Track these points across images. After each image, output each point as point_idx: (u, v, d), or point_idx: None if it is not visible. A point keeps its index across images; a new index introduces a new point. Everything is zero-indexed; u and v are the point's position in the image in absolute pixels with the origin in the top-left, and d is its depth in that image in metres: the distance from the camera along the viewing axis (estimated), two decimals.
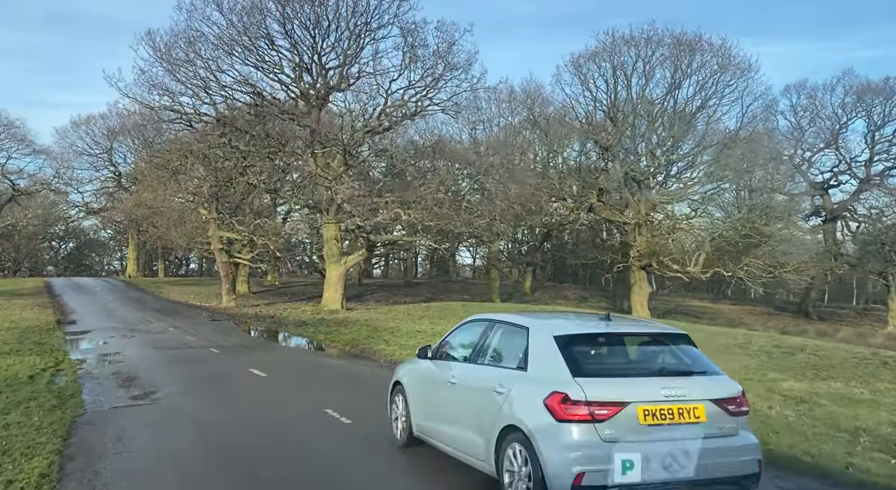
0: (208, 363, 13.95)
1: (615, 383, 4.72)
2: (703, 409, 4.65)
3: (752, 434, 4.88)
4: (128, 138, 49.88)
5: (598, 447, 4.41)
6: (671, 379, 4.78)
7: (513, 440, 4.81)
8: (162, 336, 19.55)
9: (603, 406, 4.48)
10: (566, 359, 4.77)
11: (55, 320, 23.22)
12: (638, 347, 5.28)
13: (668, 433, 4.50)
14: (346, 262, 27.25)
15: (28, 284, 44.21)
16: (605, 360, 5.13)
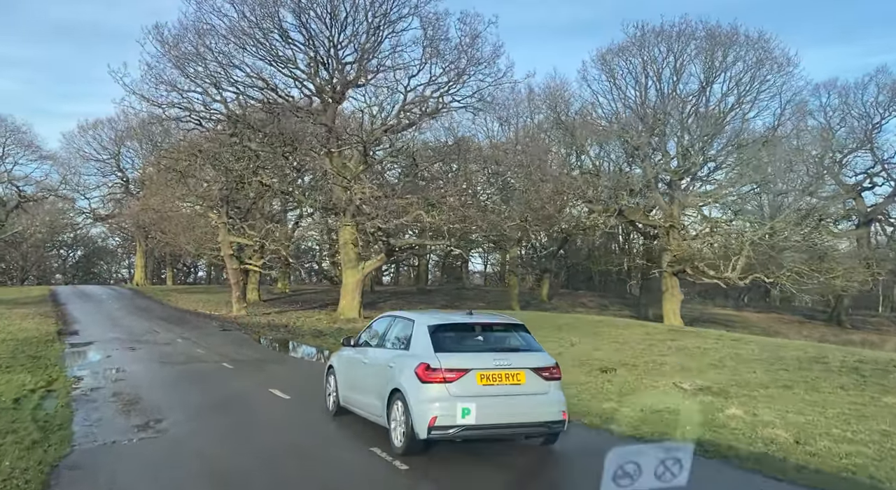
0: (221, 381, 12.23)
1: (462, 357, 6.61)
2: (523, 374, 6.60)
3: (561, 393, 6.83)
4: (135, 142, 48.51)
5: (447, 400, 6.33)
6: (502, 353, 6.76)
7: (396, 398, 6.72)
8: (169, 348, 17.87)
9: (451, 372, 6.40)
10: (432, 341, 6.70)
11: (56, 331, 21.60)
12: (487, 333, 7.22)
13: (497, 390, 6.48)
14: (363, 268, 25.54)
15: (33, 293, 42.72)
16: (459, 341, 6.96)
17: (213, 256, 36.99)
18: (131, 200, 49.31)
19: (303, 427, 8.45)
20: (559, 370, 6.90)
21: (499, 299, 48.88)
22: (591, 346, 16.92)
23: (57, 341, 18.73)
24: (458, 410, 6.29)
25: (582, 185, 26.40)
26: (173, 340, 19.82)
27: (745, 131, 28.58)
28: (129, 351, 17.03)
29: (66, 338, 20.13)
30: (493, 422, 6.42)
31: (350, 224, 24.24)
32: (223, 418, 8.90)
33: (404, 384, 6.61)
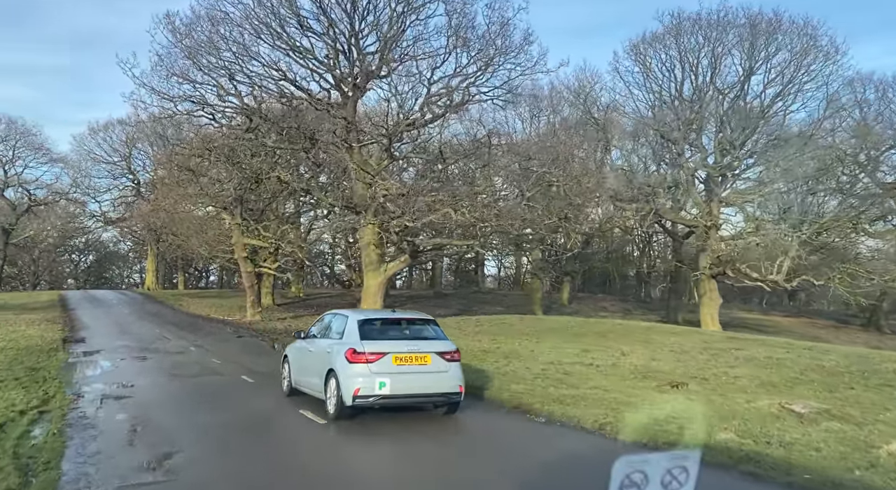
0: (243, 400, 10.54)
1: (381, 343, 8.65)
2: (429, 357, 8.64)
3: (459, 372, 8.84)
4: (146, 145, 47.15)
5: (368, 376, 8.35)
6: (414, 341, 8.90)
7: (331, 376, 8.72)
8: (182, 358, 16.21)
9: (373, 354, 8.44)
10: (359, 332, 8.84)
11: (61, 338, 20.02)
12: (404, 325, 9.44)
13: (408, 369, 8.49)
14: (386, 271, 23.83)
15: (42, 298, 41.32)
16: (382, 332, 9.08)
17: (227, 259, 35.39)
18: (142, 203, 47.94)
19: (356, 467, 6.70)
20: (459, 354, 8.98)
21: (517, 303, 47.06)
22: (647, 356, 15.11)
23: (60, 350, 17.13)
24: (376, 383, 8.26)
25: (616, 183, 24.58)
26: (186, 349, 18.17)
27: (787, 125, 26.70)
28: (138, 361, 15.39)
29: (71, 346, 18.54)
30: (403, 392, 8.41)
31: (373, 223, 22.55)
32: (251, 452, 7.18)
33: (337, 365, 8.55)
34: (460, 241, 22.00)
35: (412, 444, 7.68)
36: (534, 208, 18.98)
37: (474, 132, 21.76)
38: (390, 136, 20.96)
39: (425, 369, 8.52)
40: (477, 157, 20.43)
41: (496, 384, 11.42)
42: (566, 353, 15.70)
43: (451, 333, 21.86)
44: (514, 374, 12.67)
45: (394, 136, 21.32)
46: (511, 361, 14.25)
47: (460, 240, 21.97)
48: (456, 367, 8.74)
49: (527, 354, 15.47)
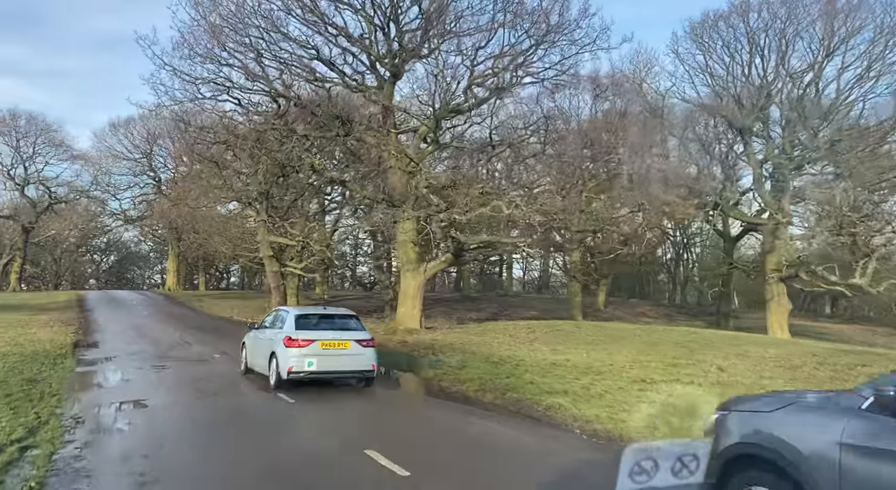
0: (287, 432, 8.14)
1: (312, 333, 11.04)
2: (349, 343, 11.06)
3: (373, 354, 11.31)
4: (167, 140, 45.39)
5: (300, 356, 10.72)
6: (339, 331, 11.32)
7: (272, 357, 11.10)
8: (205, 369, 13.98)
9: (304, 340, 10.82)
10: (296, 323, 11.28)
11: (72, 343, 17.92)
12: (332, 319, 11.85)
13: (331, 352, 10.95)
14: (425, 271, 21.46)
15: (60, 298, 39.60)
16: (314, 324, 11.47)
17: (250, 259, 33.28)
18: (163, 201, 46.22)
19: None
20: (373, 341, 11.65)
21: (550, 307, 44.36)
22: (753, 373, 12.53)
23: (69, 356, 14.98)
24: (305, 362, 10.81)
25: (681, 175, 21.91)
26: (209, 357, 15.94)
27: (868, 113, 23.89)
28: (155, 371, 13.17)
29: (82, 352, 16.42)
30: (327, 369, 11.04)
31: (412, 218, 20.19)
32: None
33: (277, 349, 11.10)
34: (512, 239, 19.54)
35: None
36: (598, 200, 16.46)
37: (528, 117, 19.24)
38: (438, 118, 18.56)
39: (345, 353, 11.09)
40: (531, 143, 17.98)
41: (605, 414, 8.95)
42: (651, 367, 13.17)
43: (504, 341, 19.37)
44: (611, 397, 10.19)
45: (440, 117, 18.93)
46: (594, 381, 11.76)
47: (511, 237, 19.49)
48: (371, 351, 11.31)
49: (605, 370, 12.97)
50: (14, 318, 26.26)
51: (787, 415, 3.08)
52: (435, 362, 14.25)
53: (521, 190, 16.87)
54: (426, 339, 18.95)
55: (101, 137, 47.49)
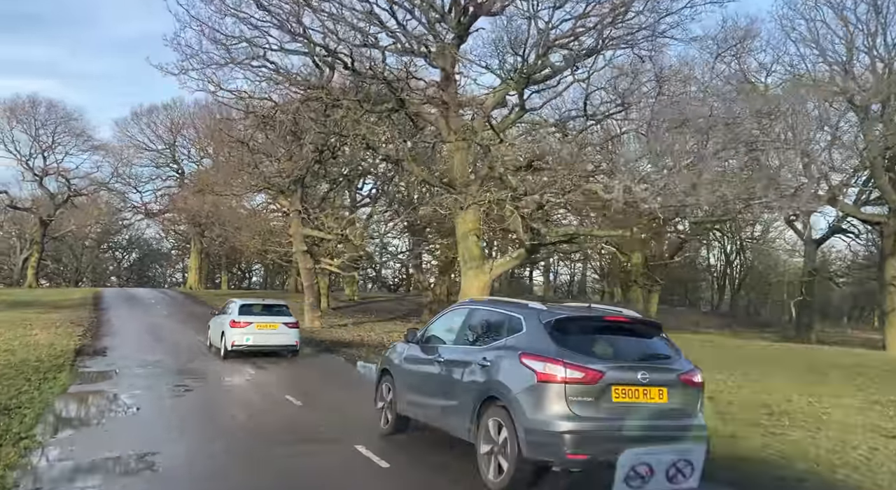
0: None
1: (250, 317, 14.10)
2: (277, 325, 14.27)
3: (297, 333, 14.63)
4: (191, 130, 42.41)
5: (240, 334, 13.80)
6: (271, 316, 14.48)
7: (222, 335, 14.17)
8: (240, 393, 10.50)
9: (245, 323, 13.88)
10: (239, 310, 14.30)
11: (75, 349, 14.61)
12: (268, 307, 14.93)
13: (264, 331, 14.04)
14: (492, 269, 17.84)
15: (76, 295, 36.66)
16: (254, 311, 14.47)
17: (280, 255, 29.90)
18: (187, 194, 43.24)
19: None
20: (297, 323, 14.88)
21: None
22: None
23: (66, 369, 11.60)
24: (244, 338, 13.75)
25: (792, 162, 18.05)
26: (242, 371, 12.45)
27: None
28: (173, 395, 9.68)
29: (85, 362, 13.05)
30: (260, 343, 13.97)
31: (478, 205, 16.59)
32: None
33: (225, 329, 13.99)
34: (606, 232, 15.85)
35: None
36: (731, 181, 12.73)
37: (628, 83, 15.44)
38: (528, 75, 14.86)
39: (275, 332, 14.29)
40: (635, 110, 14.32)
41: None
42: (854, 408, 9.36)
43: None
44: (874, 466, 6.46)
45: (532, 72, 15.26)
46: (807, 431, 7.96)
47: (605, 230, 15.80)
48: (295, 331, 14.58)
49: (791, 410, 9.13)
50: (20, 316, 23.18)
51: (394, 350, 7.46)
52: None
53: (623, 167, 13.10)
54: None
55: (122, 127, 44.68)
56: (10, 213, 50.48)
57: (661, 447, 2.59)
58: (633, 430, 4.85)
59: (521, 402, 5.01)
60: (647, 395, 5.01)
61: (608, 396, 4.92)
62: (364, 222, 24.84)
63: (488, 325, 6.03)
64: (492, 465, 5.21)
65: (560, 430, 4.79)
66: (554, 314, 5.45)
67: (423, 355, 6.66)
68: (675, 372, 5.21)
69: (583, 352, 5.10)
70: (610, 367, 4.99)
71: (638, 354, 5.33)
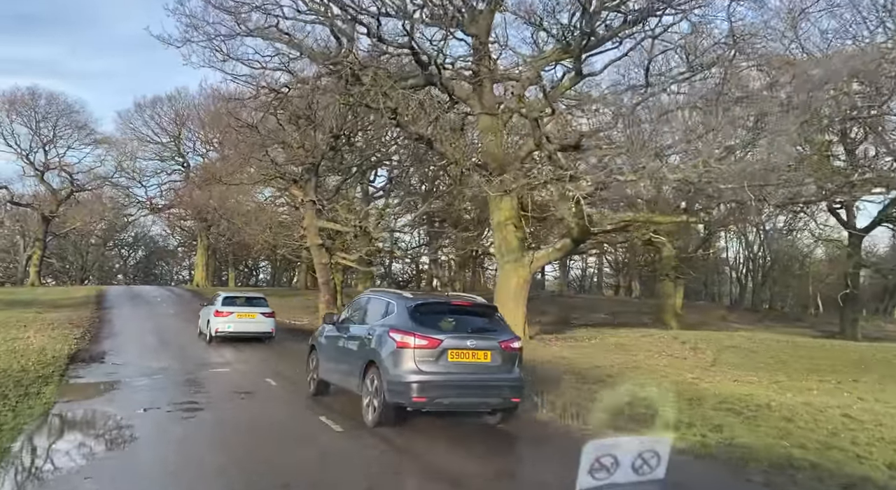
0: None
1: (232, 308, 15.82)
2: (255, 314, 16.10)
3: (273, 321, 16.41)
4: (196, 124, 40.53)
5: (224, 323, 15.50)
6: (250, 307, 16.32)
7: (208, 323, 15.93)
8: (259, 408, 8.59)
9: (227, 312, 15.63)
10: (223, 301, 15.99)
11: (70, 353, 12.80)
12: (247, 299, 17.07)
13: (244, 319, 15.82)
14: (532, 262, 15.94)
15: (79, 293, 34.91)
16: (235, 302, 16.16)
17: (293, 250, 28.02)
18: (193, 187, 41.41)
19: None
20: (274, 313, 16.57)
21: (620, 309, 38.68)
22: None
23: (54, 380, 9.76)
24: (226, 326, 15.36)
25: None
26: (261, 383, 10.56)
27: None
28: (180, 418, 7.75)
29: (78, 371, 11.21)
30: (240, 330, 15.55)
31: (523, 187, 14.69)
32: None
33: (210, 317, 15.63)
34: (668, 218, 13.90)
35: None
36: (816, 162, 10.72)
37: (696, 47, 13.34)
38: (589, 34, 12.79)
39: (253, 320, 15.95)
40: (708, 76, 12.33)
41: None
42: None
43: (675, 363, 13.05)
44: None
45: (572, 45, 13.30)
46: None
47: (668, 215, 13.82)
48: (271, 320, 16.24)
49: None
50: (16, 316, 21.39)
51: (320, 331, 9.04)
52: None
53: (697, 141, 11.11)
54: (549, 356, 13.39)
55: (125, 119, 42.83)
56: (13, 211, 48.85)
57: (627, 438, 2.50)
58: (464, 380, 6.77)
59: (386, 362, 6.83)
60: (475, 357, 6.86)
61: (445, 357, 6.73)
62: (379, 212, 22.80)
63: (376, 309, 7.80)
64: (369, 410, 7.07)
65: (409, 381, 6.59)
66: (415, 301, 7.28)
67: (336, 333, 8.48)
68: (497, 340, 6.99)
69: (430, 326, 6.89)
70: (447, 337, 6.79)
71: (472, 328, 7.10)
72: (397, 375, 6.66)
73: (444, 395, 6.66)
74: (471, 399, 6.94)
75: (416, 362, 6.63)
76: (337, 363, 8.21)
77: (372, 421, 6.93)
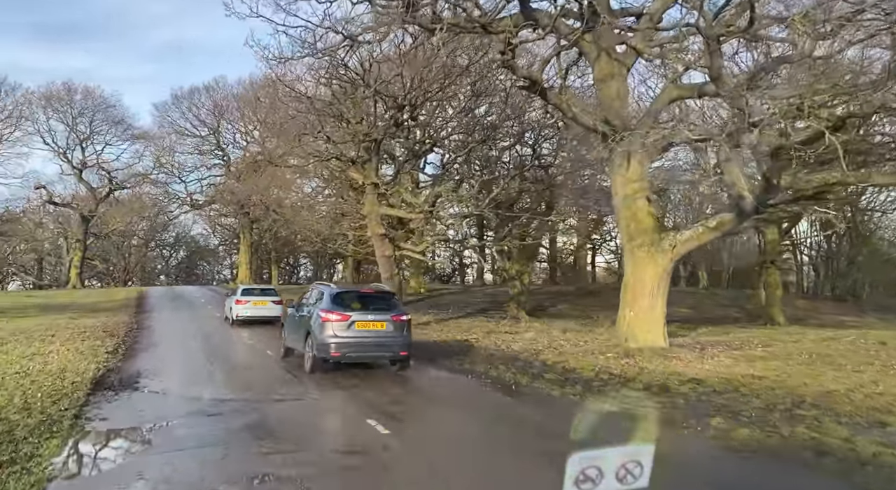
0: None
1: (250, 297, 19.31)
2: (267, 302, 19.06)
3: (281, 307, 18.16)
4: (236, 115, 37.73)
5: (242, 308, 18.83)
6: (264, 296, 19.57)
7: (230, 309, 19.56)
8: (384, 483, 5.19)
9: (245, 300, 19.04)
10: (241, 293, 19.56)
11: (95, 377, 9.62)
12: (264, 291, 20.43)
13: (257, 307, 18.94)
14: (674, 246, 12.19)
15: (119, 295, 32.49)
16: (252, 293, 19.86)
17: (350, 241, 24.71)
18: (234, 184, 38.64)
19: None
20: (283, 300, 18.16)
21: (697, 303, 34.25)
22: None
23: (63, 429, 6.50)
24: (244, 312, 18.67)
25: None
26: (361, 425, 7.09)
27: None
28: None
29: (102, 406, 7.94)
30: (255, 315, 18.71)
31: (655, 146, 10.97)
32: None
33: (231, 305, 19.38)
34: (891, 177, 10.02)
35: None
36: None
37: None
38: None
39: (265, 307, 18.46)
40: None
41: None
42: None
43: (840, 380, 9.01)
44: None
45: None
46: None
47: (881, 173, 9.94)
48: (279, 306, 17.84)
49: None
50: (47, 323, 18.62)
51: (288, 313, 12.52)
52: None
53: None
54: (686, 375, 9.62)
55: (162, 111, 40.33)
56: (56, 213, 47.26)
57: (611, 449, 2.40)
58: (365, 341, 10.13)
59: (316, 331, 10.11)
60: (374, 326, 10.16)
61: (353, 327, 10.03)
62: (452, 195, 19.22)
63: (315, 296, 11.07)
64: (307, 362, 10.35)
65: (329, 342, 9.89)
66: (337, 290, 10.85)
67: (296, 313, 11.67)
68: (390, 314, 10.24)
69: (345, 307, 10.21)
70: (355, 313, 10.12)
71: (374, 306, 10.36)
72: (322, 339, 9.82)
73: (352, 351, 9.90)
74: (371, 353, 10.20)
75: (333, 331, 9.79)
76: (292, 334, 11.39)
77: (308, 368, 10.12)
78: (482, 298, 33.99)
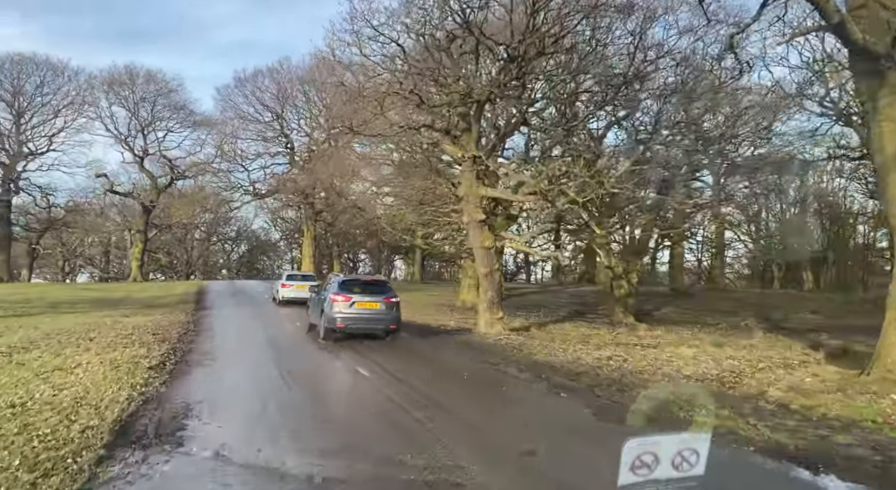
0: None
1: (293, 282, 22.58)
2: (305, 286, 20.81)
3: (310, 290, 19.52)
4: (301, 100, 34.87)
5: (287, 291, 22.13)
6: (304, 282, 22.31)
7: (277, 291, 23.21)
8: None
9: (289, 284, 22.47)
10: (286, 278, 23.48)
11: (122, 415, 6.20)
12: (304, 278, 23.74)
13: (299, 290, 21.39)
14: None
15: (177, 289, 30.13)
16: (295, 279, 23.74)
17: (441, 227, 21.11)
18: (297, 174, 35.86)
19: None
20: (316, 285, 19.75)
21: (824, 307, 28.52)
22: None
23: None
24: (289, 293, 21.81)
25: None
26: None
27: None
28: None
29: (125, 475, 4.44)
30: (297, 296, 21.18)
31: None
32: None
33: (278, 287, 23.18)
34: None
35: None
36: None
37: None
38: None
39: (304, 291, 19.31)
40: None
41: None
42: None
43: None
44: None
45: None
46: None
47: None
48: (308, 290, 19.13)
49: None
50: (92, 322, 15.74)
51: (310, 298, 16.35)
52: None
53: None
54: None
55: (224, 96, 38.03)
56: (119, 204, 46.18)
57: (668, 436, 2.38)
58: (364, 316, 12.80)
59: (327, 309, 12.79)
60: (370, 305, 12.91)
61: (354, 306, 12.74)
62: (576, 170, 15.09)
63: (330, 283, 14.11)
64: (321, 331, 13.12)
65: (335, 316, 12.62)
66: (344, 278, 14.08)
67: (317, 297, 14.50)
68: (383, 296, 13.09)
69: (349, 291, 12.92)
70: (356, 295, 12.83)
71: (371, 291, 13.18)
72: (330, 314, 12.61)
73: (354, 323, 12.67)
74: (369, 326, 12.89)
75: (340, 308, 12.60)
76: (313, 312, 14.48)
77: (322, 337, 12.91)
78: (568, 299, 29.75)
